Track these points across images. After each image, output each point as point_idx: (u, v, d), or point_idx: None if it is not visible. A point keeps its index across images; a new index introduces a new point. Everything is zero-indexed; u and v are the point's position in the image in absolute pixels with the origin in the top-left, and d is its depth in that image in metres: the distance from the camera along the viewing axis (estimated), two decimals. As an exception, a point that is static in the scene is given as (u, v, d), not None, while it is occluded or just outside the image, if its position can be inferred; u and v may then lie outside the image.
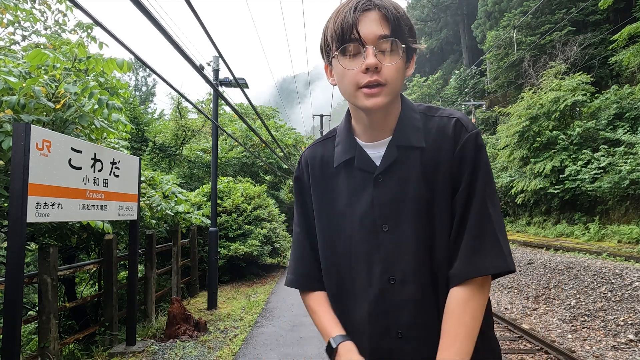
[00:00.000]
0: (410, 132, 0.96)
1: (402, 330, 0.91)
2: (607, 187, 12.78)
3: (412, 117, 0.98)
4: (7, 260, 2.78)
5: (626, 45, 14.46)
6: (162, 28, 3.08)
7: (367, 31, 0.88)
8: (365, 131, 1.00)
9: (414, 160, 0.94)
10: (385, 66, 0.88)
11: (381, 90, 0.89)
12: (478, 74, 31.07)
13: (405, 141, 0.96)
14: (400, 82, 0.92)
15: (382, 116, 0.96)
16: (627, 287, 7.67)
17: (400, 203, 0.93)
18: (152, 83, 42.55)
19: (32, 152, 2.81)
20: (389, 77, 0.89)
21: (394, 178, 0.95)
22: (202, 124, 15.30)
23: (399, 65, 0.90)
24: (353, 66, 0.90)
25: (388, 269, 0.93)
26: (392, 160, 0.95)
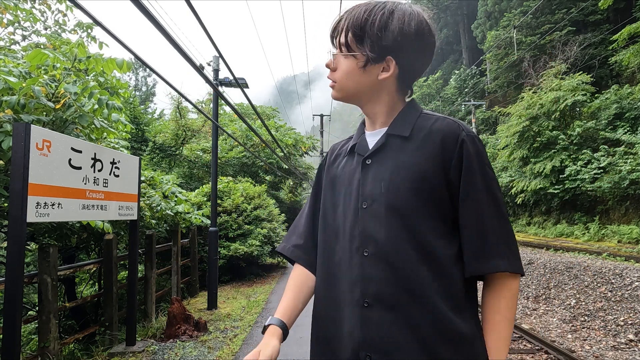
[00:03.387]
0: (402, 124, 1.07)
1: (369, 299, 0.98)
2: (607, 187, 12.78)
3: (409, 114, 1.09)
4: (7, 260, 2.77)
5: (626, 45, 14.46)
6: (162, 28, 3.08)
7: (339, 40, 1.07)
8: (368, 121, 1.16)
9: (399, 147, 1.04)
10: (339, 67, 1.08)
11: (333, 86, 1.10)
12: (478, 74, 31.07)
13: (395, 131, 1.07)
14: (351, 83, 1.07)
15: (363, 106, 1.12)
16: (627, 287, 7.67)
17: (378, 183, 1.02)
18: (152, 83, 42.54)
19: (32, 152, 2.81)
20: (337, 78, 1.08)
21: (378, 161, 1.05)
22: (202, 124, 15.29)
23: (345, 67, 1.06)
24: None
25: (362, 242, 1.01)
26: (378, 146, 1.07)
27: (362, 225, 1.02)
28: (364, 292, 0.99)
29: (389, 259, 0.98)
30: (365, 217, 1.02)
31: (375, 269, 0.99)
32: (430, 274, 0.96)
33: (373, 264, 0.99)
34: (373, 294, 0.98)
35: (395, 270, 0.97)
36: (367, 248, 1.00)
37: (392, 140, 1.06)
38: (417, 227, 0.98)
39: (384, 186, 1.01)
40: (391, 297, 0.96)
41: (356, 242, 1.02)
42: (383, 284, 0.97)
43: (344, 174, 1.13)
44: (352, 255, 1.03)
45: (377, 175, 1.04)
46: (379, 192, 1.02)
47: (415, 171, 1.00)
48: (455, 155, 0.99)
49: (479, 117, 26.72)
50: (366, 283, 0.99)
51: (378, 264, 0.99)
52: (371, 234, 1.01)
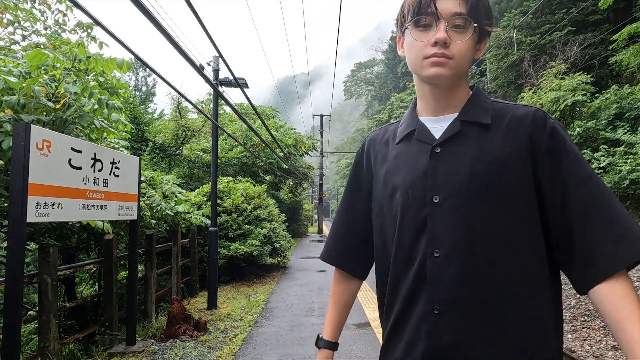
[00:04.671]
0: (477, 110, 0.96)
1: (440, 305, 0.88)
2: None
3: (483, 100, 0.99)
4: (7, 260, 2.77)
5: (626, 45, 14.46)
6: (162, 28, 3.08)
7: (443, 6, 0.90)
8: (428, 106, 1.02)
9: (478, 136, 0.93)
10: (454, 42, 0.90)
11: (446, 62, 0.91)
12: (478, 74, 31.07)
13: (470, 117, 0.96)
14: (467, 60, 0.94)
15: (445, 89, 0.97)
16: (627, 287, 7.66)
17: (456, 176, 0.91)
18: (152, 83, 42.52)
19: (32, 152, 2.81)
20: (457, 53, 0.91)
21: (452, 151, 0.94)
22: (202, 124, 15.29)
23: (468, 43, 0.92)
24: (423, 38, 0.92)
25: (434, 241, 0.91)
26: (453, 133, 0.95)
27: (432, 222, 0.91)
28: (433, 297, 0.89)
29: (468, 261, 0.87)
30: (438, 212, 0.91)
31: (449, 272, 0.88)
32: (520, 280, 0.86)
33: (446, 267, 0.89)
34: (445, 300, 0.88)
35: (474, 275, 0.87)
36: (438, 248, 0.90)
37: (469, 128, 0.95)
38: (504, 225, 0.87)
39: (464, 179, 0.90)
40: (466, 304, 0.87)
41: (423, 240, 0.92)
42: (458, 289, 0.87)
43: (399, 164, 1.01)
44: (414, 254, 0.93)
45: (454, 166, 0.92)
46: (458, 184, 0.90)
47: (503, 163, 0.89)
48: (545, 143, 0.90)
49: (479, 117, 26.65)
50: (436, 288, 0.89)
51: (452, 267, 0.88)
52: (445, 232, 0.90)
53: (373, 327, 4.93)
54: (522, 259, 0.87)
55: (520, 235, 0.88)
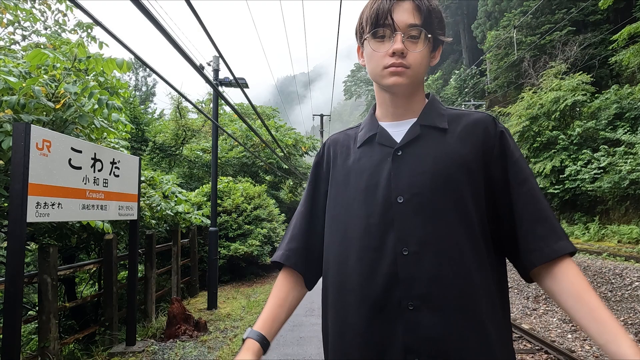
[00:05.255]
0: (435, 116, 1.04)
1: (414, 301, 0.92)
2: (607, 187, 12.78)
3: (439, 107, 1.06)
4: (7, 260, 2.77)
5: (626, 45, 14.45)
6: (162, 28, 3.08)
7: (399, 18, 0.96)
8: (387, 112, 1.07)
9: (436, 139, 1.00)
10: (410, 52, 0.96)
11: (404, 71, 0.97)
12: (478, 74, 31.07)
13: (429, 122, 1.02)
14: (423, 69, 1.00)
15: (404, 97, 1.03)
16: (627, 287, 7.67)
17: (418, 176, 0.96)
18: (152, 83, 42.51)
19: (32, 152, 2.81)
20: (413, 62, 0.97)
21: (414, 153, 0.99)
22: (202, 123, 15.29)
23: (424, 53, 0.98)
24: (382, 49, 0.98)
25: (402, 239, 0.94)
26: (413, 137, 1.01)
27: (398, 221, 0.95)
28: (408, 293, 0.92)
29: (437, 257, 0.92)
30: (403, 212, 0.95)
31: (420, 268, 0.92)
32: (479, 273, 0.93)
33: (416, 263, 0.92)
34: (419, 295, 0.91)
35: (444, 269, 0.91)
36: (406, 246, 0.93)
37: (428, 132, 1.01)
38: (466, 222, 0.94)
39: (426, 179, 0.95)
40: (440, 297, 0.91)
41: (391, 240, 0.95)
42: (431, 284, 0.91)
43: (363, 167, 1.04)
44: (383, 254, 0.95)
45: (416, 167, 0.97)
46: (420, 185, 0.95)
47: (461, 163, 0.96)
48: (495, 147, 0.99)
49: (479, 117, 26.66)
50: (410, 284, 0.92)
51: (422, 263, 0.92)
52: (412, 230, 0.94)
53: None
54: (481, 251, 0.94)
55: (479, 230, 0.95)
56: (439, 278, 0.91)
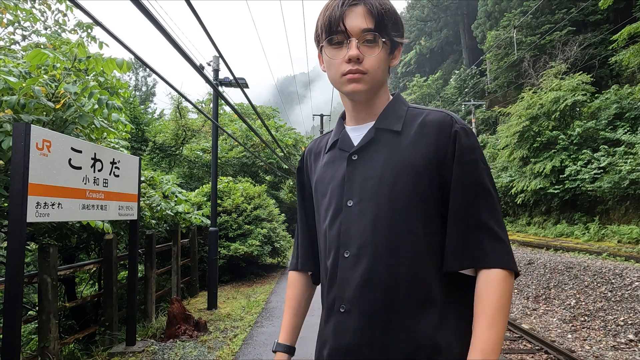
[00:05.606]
0: (391, 118, 1.01)
1: (345, 304, 0.93)
2: (607, 187, 12.78)
3: (398, 108, 1.04)
4: (7, 260, 2.77)
5: (626, 45, 14.45)
6: (162, 28, 3.08)
7: (352, 24, 0.94)
8: (351, 117, 1.08)
9: (389, 142, 0.98)
10: (367, 57, 0.94)
11: (361, 77, 0.95)
12: (478, 74, 31.07)
13: (384, 125, 1.00)
14: (381, 72, 0.98)
15: (364, 101, 1.02)
16: (627, 287, 7.67)
17: (368, 180, 0.96)
18: (152, 83, 42.52)
19: (32, 152, 2.81)
20: (370, 67, 0.95)
21: (367, 157, 0.99)
22: (202, 123, 15.29)
23: (380, 56, 0.96)
24: (338, 56, 0.97)
25: (344, 243, 0.96)
26: (367, 141, 1.00)
27: (345, 224, 0.96)
28: (340, 296, 0.94)
29: (374, 262, 0.91)
30: (349, 215, 0.96)
31: (355, 272, 0.92)
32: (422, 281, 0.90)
33: (353, 267, 0.93)
34: (351, 299, 0.92)
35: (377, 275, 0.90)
36: (348, 249, 0.95)
37: (382, 135, 1.00)
38: (410, 228, 0.92)
39: (374, 183, 0.95)
40: (368, 302, 0.90)
41: (336, 243, 0.97)
42: (361, 289, 0.91)
43: (327, 173, 1.07)
44: (332, 257, 0.98)
45: (366, 171, 0.97)
46: (368, 189, 0.95)
47: (409, 167, 0.94)
48: (448, 148, 0.94)
49: (479, 117, 26.75)
50: (343, 287, 0.94)
51: (358, 268, 0.92)
52: (354, 234, 0.95)
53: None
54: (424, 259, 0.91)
55: (425, 237, 0.92)
56: (370, 283, 0.91)
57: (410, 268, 0.91)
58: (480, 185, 0.92)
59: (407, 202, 0.93)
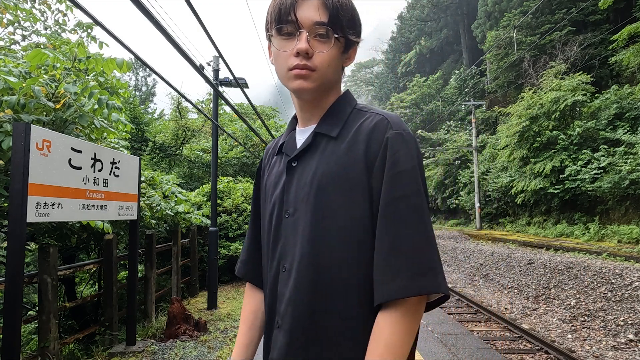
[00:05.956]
0: (331, 122, 0.94)
1: (279, 320, 0.89)
2: (607, 187, 12.78)
3: (342, 110, 0.96)
4: (7, 260, 2.77)
5: (626, 45, 14.45)
6: (162, 28, 3.08)
7: (303, 15, 0.87)
8: (299, 117, 1.01)
9: (324, 149, 0.91)
10: (317, 53, 0.87)
11: (309, 75, 0.88)
12: (478, 74, 31.06)
13: (322, 129, 0.93)
14: (332, 71, 0.91)
15: (311, 100, 0.95)
16: (627, 287, 7.67)
17: (301, 190, 0.90)
18: (152, 83, 42.51)
19: (32, 152, 2.81)
20: (319, 64, 0.88)
21: (304, 165, 0.92)
22: (202, 123, 15.30)
23: (332, 54, 0.89)
24: (287, 48, 0.89)
25: (282, 255, 0.91)
26: (305, 146, 0.94)
27: (283, 237, 0.91)
28: (277, 311, 0.90)
29: (306, 277, 0.85)
30: (286, 227, 0.91)
31: (290, 287, 0.87)
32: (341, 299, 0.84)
33: (286, 281, 0.88)
34: (282, 314, 0.88)
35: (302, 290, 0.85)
36: (285, 263, 0.89)
37: (319, 140, 0.93)
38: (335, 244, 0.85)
39: (305, 193, 0.89)
40: (292, 319, 0.86)
41: (276, 255, 0.92)
42: (292, 304, 0.86)
43: (272, 178, 1.01)
44: (273, 270, 0.93)
45: (300, 180, 0.91)
46: (300, 199, 0.89)
47: (339, 177, 0.86)
48: (379, 157, 0.85)
49: (479, 117, 26.75)
50: (280, 302, 0.89)
51: (292, 282, 0.87)
52: (290, 247, 0.89)
53: (373, 327, 4.94)
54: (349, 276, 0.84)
55: (359, 251, 0.84)
56: (295, 298, 0.86)
57: (335, 285, 0.84)
58: (405, 201, 0.82)
59: (334, 216, 0.86)
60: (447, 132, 29.24)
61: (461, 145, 24.92)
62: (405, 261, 0.78)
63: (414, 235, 0.80)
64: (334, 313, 0.84)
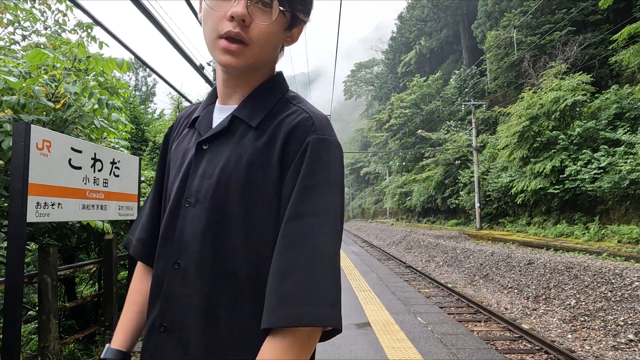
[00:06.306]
0: (255, 107, 0.83)
1: (167, 324, 0.78)
2: (607, 187, 12.78)
3: (269, 96, 0.84)
4: (7, 260, 2.78)
5: (626, 45, 14.46)
6: (162, 28, 3.08)
7: None
8: (220, 90, 0.88)
9: (241, 138, 0.80)
10: (256, 23, 0.75)
11: (242, 50, 0.76)
12: (478, 74, 31.06)
13: (242, 114, 0.82)
14: (270, 48, 0.79)
15: (236, 77, 0.83)
16: (627, 287, 7.67)
17: (206, 179, 0.79)
18: (152, 83, 42.54)
19: (32, 152, 2.81)
20: (256, 37, 0.76)
21: (215, 150, 0.81)
22: (202, 124, 15.31)
23: (274, 27, 0.77)
24: (220, 7, 0.76)
25: (177, 251, 0.80)
26: (219, 130, 0.82)
27: (180, 229, 0.80)
28: (163, 313, 0.79)
29: (200, 277, 0.76)
30: (185, 219, 0.80)
31: (181, 287, 0.77)
32: (243, 313, 0.76)
33: (181, 281, 0.78)
34: (171, 319, 0.78)
35: (202, 295, 0.76)
36: (179, 260, 0.79)
37: (236, 126, 0.82)
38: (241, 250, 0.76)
39: (210, 185, 0.78)
40: (185, 324, 0.76)
41: (169, 248, 0.81)
42: (186, 307, 0.77)
43: (177, 155, 0.88)
44: (164, 264, 0.82)
45: (209, 168, 0.80)
46: (204, 190, 0.79)
47: (250, 175, 0.77)
48: (295, 161, 0.76)
49: (479, 117, 26.75)
50: (168, 303, 0.79)
51: (185, 282, 0.77)
52: (187, 242, 0.78)
53: (373, 327, 4.94)
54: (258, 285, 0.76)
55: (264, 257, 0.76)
56: (190, 303, 0.76)
57: (234, 294, 0.76)
58: (311, 220, 0.72)
59: (241, 218, 0.76)
60: (447, 132, 29.24)
61: (461, 145, 24.92)
62: (298, 287, 0.68)
63: (313, 260, 0.70)
64: (232, 323, 0.75)
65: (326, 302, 0.69)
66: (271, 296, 0.70)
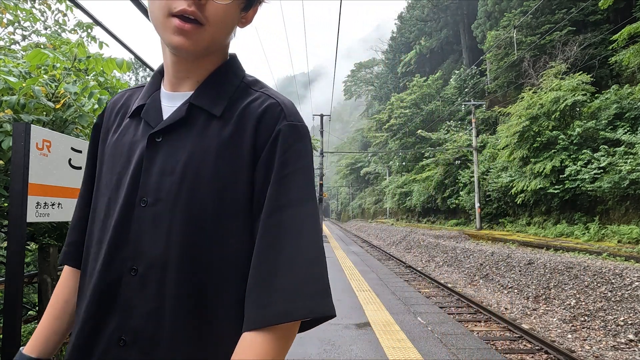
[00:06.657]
0: (213, 94, 0.77)
1: (127, 337, 0.70)
2: (607, 187, 12.79)
3: (227, 81, 0.79)
4: (7, 260, 2.78)
5: (626, 45, 14.46)
6: (162, 28, 3.08)
7: None
8: (167, 77, 0.80)
9: (203, 129, 0.74)
10: (212, 2, 0.69)
11: (196, 30, 0.69)
12: (478, 74, 31.07)
13: (201, 102, 0.76)
14: (226, 30, 0.74)
15: (189, 61, 0.76)
16: (627, 287, 7.67)
17: (168, 176, 0.73)
18: (152, 83, 42.55)
19: (32, 152, 2.81)
20: (213, 17, 0.69)
21: (172, 143, 0.74)
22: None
23: (230, 8, 0.71)
24: None
25: (133, 255, 0.72)
26: (176, 120, 0.75)
27: (136, 231, 0.72)
28: (121, 326, 0.71)
29: (164, 283, 0.70)
30: (143, 220, 0.72)
31: (143, 296, 0.70)
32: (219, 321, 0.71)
33: (140, 289, 0.70)
34: (133, 330, 0.70)
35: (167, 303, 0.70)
36: (136, 265, 0.71)
37: (196, 116, 0.75)
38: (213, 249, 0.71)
39: (174, 181, 0.72)
40: (153, 337, 0.69)
41: (122, 253, 0.72)
42: (149, 318, 0.70)
43: (119, 148, 0.79)
44: (110, 269, 0.73)
45: (167, 163, 0.73)
46: (166, 188, 0.72)
47: (218, 168, 0.72)
48: (266, 152, 0.72)
49: (479, 117, 26.76)
50: (127, 314, 0.71)
51: (147, 290, 0.70)
52: (146, 245, 0.71)
53: (373, 327, 4.94)
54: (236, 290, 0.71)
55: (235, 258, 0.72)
56: (157, 312, 0.70)
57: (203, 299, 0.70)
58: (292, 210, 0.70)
59: (212, 215, 0.71)
60: (447, 132, 29.24)
61: (461, 145, 24.93)
62: (289, 281, 0.66)
63: (300, 252, 0.68)
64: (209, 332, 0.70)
65: (319, 292, 0.67)
66: (260, 293, 0.66)
